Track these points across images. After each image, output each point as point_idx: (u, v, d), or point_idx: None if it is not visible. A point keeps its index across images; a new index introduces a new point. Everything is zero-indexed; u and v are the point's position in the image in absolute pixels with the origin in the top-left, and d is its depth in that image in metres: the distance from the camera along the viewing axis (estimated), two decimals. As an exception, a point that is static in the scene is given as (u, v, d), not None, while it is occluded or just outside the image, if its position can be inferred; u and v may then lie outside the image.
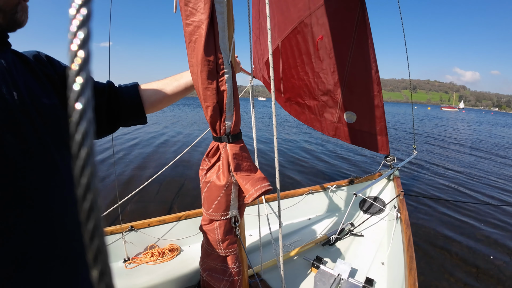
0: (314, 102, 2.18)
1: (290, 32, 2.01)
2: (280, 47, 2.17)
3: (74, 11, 0.13)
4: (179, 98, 0.95)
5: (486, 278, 2.56)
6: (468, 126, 21.84)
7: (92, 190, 0.13)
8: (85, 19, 0.13)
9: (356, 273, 1.81)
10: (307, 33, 1.90)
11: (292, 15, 1.93)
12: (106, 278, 0.15)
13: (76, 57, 0.13)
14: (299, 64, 2.08)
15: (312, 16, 1.81)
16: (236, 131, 0.93)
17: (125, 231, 1.77)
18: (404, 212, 2.09)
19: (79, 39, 0.13)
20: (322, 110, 2.17)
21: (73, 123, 0.13)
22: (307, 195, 2.59)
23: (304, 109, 2.33)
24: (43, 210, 0.51)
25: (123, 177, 5.09)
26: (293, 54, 2.10)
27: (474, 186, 5.30)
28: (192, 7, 0.77)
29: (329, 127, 2.21)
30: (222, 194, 0.92)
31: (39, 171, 0.51)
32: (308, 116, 2.33)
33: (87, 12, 0.13)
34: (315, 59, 1.96)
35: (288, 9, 1.95)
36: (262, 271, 1.74)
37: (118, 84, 0.88)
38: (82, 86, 0.13)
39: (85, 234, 0.14)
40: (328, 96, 2.05)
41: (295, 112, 2.44)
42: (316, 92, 2.10)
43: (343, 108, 2.03)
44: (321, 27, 1.81)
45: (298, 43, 2.00)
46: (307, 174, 5.54)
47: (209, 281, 1.07)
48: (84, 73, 0.13)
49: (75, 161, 0.13)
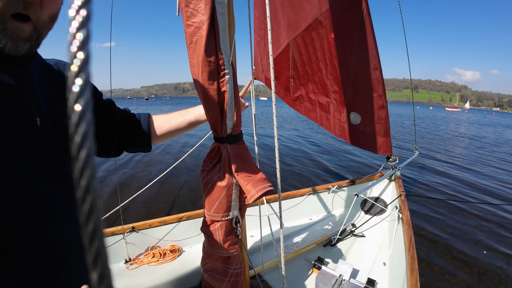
0: (326, 99, 2.19)
1: (304, 30, 2.01)
2: (291, 45, 2.18)
3: (74, 12, 0.13)
4: (182, 132, 1.02)
5: (487, 279, 2.54)
6: (473, 126, 21.76)
7: (92, 192, 0.13)
8: (84, 20, 0.13)
9: (358, 274, 1.80)
10: (321, 30, 1.91)
11: (306, 12, 1.94)
12: (105, 280, 0.15)
13: (76, 58, 0.13)
14: (314, 60, 2.09)
15: (326, 14, 1.83)
16: (237, 132, 0.93)
17: (127, 232, 1.77)
18: (405, 212, 2.08)
19: (78, 40, 0.13)
20: (332, 108, 2.18)
21: (72, 124, 0.12)
22: (308, 196, 2.59)
23: (315, 106, 2.33)
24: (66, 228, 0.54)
25: (125, 177, 5.10)
26: (307, 51, 2.10)
27: (476, 186, 5.28)
28: (193, 8, 0.78)
29: (337, 126, 2.21)
30: (223, 195, 0.92)
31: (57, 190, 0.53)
32: (318, 114, 2.33)
33: (86, 13, 0.13)
34: (328, 56, 1.98)
35: (302, 7, 1.95)
36: (263, 271, 1.74)
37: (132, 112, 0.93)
38: (82, 88, 0.13)
39: (84, 237, 0.14)
40: (338, 94, 2.06)
41: (305, 110, 2.43)
42: (328, 88, 2.11)
43: (349, 108, 2.04)
44: (332, 25, 1.83)
45: (313, 40, 2.01)
46: (308, 174, 5.53)
47: (210, 282, 1.07)
48: (84, 74, 0.13)
49: (74, 163, 0.13)
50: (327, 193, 2.68)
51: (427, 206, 4.12)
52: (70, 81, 0.13)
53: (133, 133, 0.89)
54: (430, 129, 16.82)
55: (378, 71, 1.77)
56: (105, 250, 0.14)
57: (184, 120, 0.98)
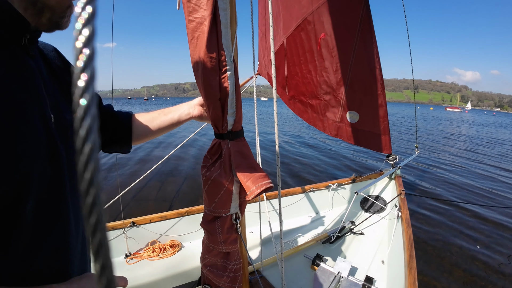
0: (317, 101, 2.18)
1: (294, 29, 2.00)
2: (285, 44, 2.17)
3: (80, 9, 0.13)
4: (164, 133, 0.95)
5: (485, 278, 2.55)
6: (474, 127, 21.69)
7: (95, 185, 0.13)
8: (89, 17, 0.13)
9: (356, 272, 1.81)
10: (310, 30, 1.89)
11: (296, 12, 1.92)
12: (107, 271, 0.15)
13: (81, 54, 0.13)
14: (303, 61, 2.08)
15: (315, 13, 1.80)
16: (238, 128, 0.93)
17: (127, 227, 1.78)
18: (405, 211, 2.09)
19: (84, 36, 0.13)
20: (324, 110, 2.17)
21: (77, 118, 0.13)
22: (308, 193, 2.59)
23: (307, 108, 2.33)
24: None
25: (125, 171, 5.12)
26: (297, 51, 2.09)
27: (476, 186, 5.28)
28: (195, 3, 0.77)
29: (331, 127, 2.20)
30: (224, 191, 0.93)
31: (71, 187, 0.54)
32: (310, 115, 2.33)
33: (92, 10, 0.13)
34: (317, 57, 1.95)
35: (293, 6, 1.94)
36: (262, 268, 1.75)
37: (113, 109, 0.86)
38: (87, 83, 0.13)
39: (87, 228, 0.14)
40: (331, 95, 2.05)
41: (298, 111, 2.43)
42: (319, 90, 2.10)
43: (346, 108, 2.02)
44: (324, 25, 1.80)
45: (302, 41, 1.99)
46: (308, 173, 5.54)
47: (209, 277, 1.08)
48: (89, 70, 0.13)
49: (78, 156, 0.13)
50: (327, 190, 2.68)
51: (427, 204, 4.13)
52: (76, 76, 0.13)
53: (113, 131, 0.81)
54: (430, 129, 16.76)
55: (378, 70, 1.76)
56: (107, 242, 0.15)
57: (166, 119, 0.92)
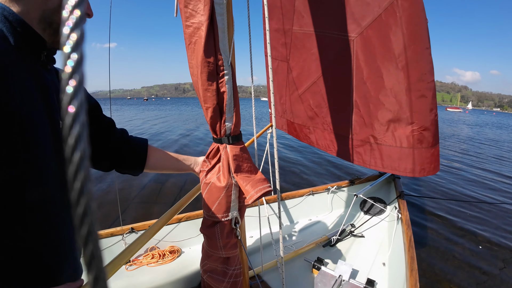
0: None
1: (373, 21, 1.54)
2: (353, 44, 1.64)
3: (67, 13, 0.13)
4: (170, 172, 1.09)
5: (487, 280, 2.54)
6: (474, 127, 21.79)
7: (86, 194, 0.13)
8: (78, 21, 0.12)
9: (357, 274, 1.80)
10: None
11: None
12: (100, 283, 0.15)
13: (69, 59, 0.13)
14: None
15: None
16: (236, 132, 0.93)
17: (126, 233, 1.76)
18: (405, 212, 2.08)
19: (72, 41, 0.13)
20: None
21: (65, 126, 0.12)
22: (308, 196, 2.58)
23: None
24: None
25: (123, 178, 5.09)
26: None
27: (476, 186, 5.29)
28: (192, 8, 0.77)
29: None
30: (223, 195, 0.92)
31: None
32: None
33: (80, 13, 0.13)
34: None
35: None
36: (262, 272, 1.74)
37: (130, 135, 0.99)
38: (75, 89, 0.12)
39: (79, 240, 0.13)
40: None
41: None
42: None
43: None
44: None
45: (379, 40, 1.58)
46: (307, 175, 5.53)
47: (209, 283, 1.07)
48: (77, 75, 0.12)
49: (68, 165, 0.13)
50: (327, 193, 2.68)
51: (426, 206, 4.12)
52: (64, 83, 0.12)
53: (126, 158, 0.92)
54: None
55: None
56: (99, 253, 0.14)
57: (178, 165, 1.04)
